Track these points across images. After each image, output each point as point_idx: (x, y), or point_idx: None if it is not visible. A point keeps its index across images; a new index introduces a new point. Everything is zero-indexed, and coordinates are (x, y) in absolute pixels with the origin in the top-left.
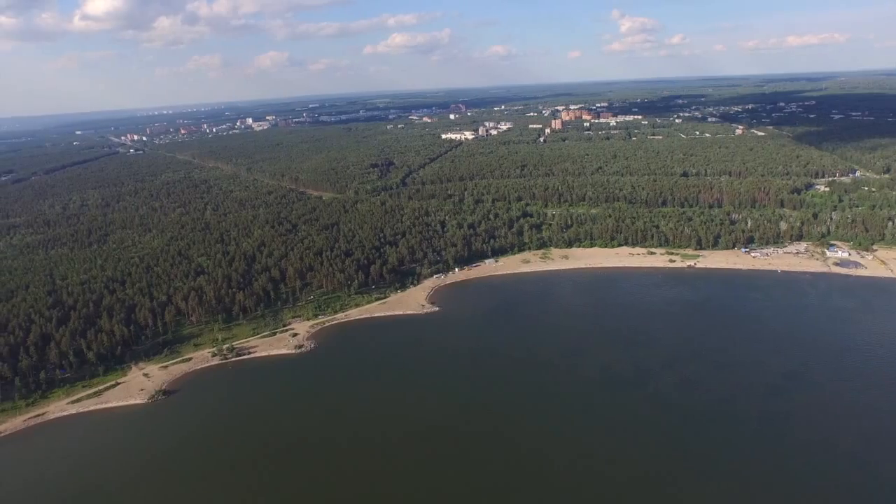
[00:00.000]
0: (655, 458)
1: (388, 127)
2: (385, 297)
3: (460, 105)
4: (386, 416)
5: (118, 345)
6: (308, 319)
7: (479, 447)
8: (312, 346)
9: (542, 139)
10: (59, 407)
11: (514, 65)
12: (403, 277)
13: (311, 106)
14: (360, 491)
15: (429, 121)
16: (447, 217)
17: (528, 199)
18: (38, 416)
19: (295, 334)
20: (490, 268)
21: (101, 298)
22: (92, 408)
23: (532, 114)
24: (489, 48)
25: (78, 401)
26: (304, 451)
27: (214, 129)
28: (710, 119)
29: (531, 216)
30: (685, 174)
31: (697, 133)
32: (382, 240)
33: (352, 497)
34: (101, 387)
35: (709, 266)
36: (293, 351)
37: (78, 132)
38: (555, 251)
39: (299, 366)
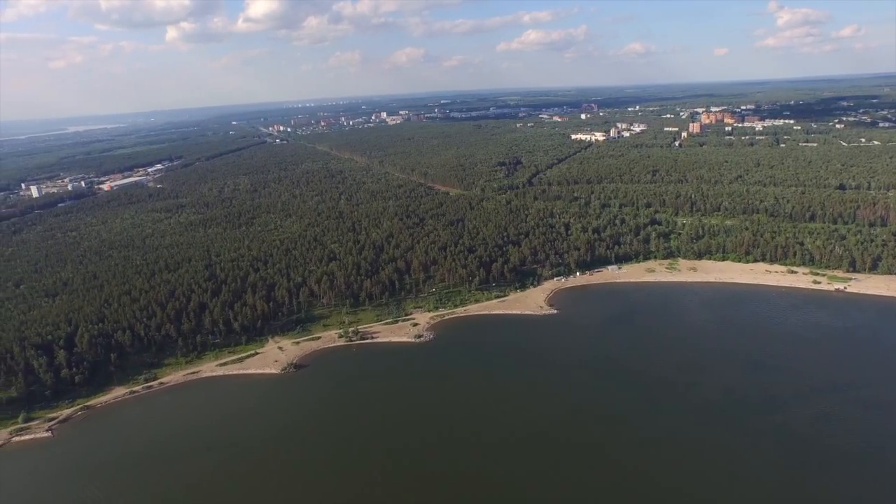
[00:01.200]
0: (777, 496)
1: (518, 125)
2: (504, 296)
3: (592, 105)
4: (492, 415)
5: (259, 318)
6: (429, 311)
7: (579, 459)
8: (431, 336)
9: (677, 143)
10: (210, 368)
11: (651, 62)
12: (524, 277)
13: (442, 102)
14: (449, 487)
15: (559, 120)
16: (572, 220)
17: (657, 206)
18: (194, 373)
19: (415, 324)
20: (612, 274)
21: (247, 275)
22: (235, 372)
23: (668, 115)
24: (626, 45)
25: (224, 364)
26: (411, 436)
27: (351, 122)
28: (882, 124)
29: (659, 224)
30: (842, 187)
31: (863, 140)
32: (506, 238)
33: (438, 489)
34: (243, 354)
35: (863, 291)
36: (413, 340)
37: (233, 122)
38: (682, 262)
39: (417, 354)
